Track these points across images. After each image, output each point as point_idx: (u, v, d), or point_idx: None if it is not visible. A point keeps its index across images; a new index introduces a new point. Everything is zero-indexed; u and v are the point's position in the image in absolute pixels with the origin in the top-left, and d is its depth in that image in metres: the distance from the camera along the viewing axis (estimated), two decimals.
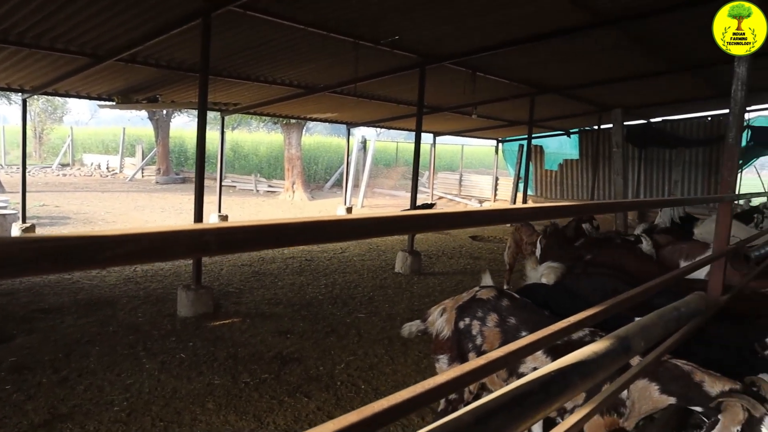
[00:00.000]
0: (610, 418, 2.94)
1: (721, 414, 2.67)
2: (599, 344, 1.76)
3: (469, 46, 9.71)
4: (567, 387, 1.49)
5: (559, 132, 21.58)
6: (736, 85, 3.60)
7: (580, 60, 11.54)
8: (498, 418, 1.22)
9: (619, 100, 15.47)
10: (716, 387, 2.76)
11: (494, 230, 16.69)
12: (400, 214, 1.05)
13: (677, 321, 2.54)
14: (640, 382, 2.87)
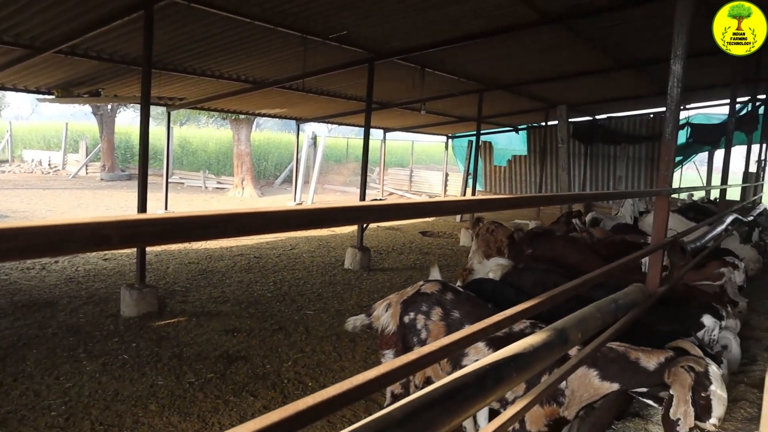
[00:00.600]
0: (550, 407, 2.97)
1: (671, 387, 2.69)
2: (536, 337, 1.77)
3: (418, 41, 9.71)
4: (502, 379, 1.49)
5: (508, 128, 21.84)
6: (673, 83, 3.68)
7: (528, 57, 11.68)
8: (430, 413, 1.21)
9: (566, 97, 15.74)
10: (652, 361, 2.79)
11: (444, 225, 16.82)
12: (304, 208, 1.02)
13: (615, 312, 2.59)
14: (579, 370, 2.89)
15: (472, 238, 8.10)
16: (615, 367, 2.84)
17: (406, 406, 1.17)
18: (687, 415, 2.65)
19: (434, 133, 23.11)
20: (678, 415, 2.66)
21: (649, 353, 2.82)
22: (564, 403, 2.96)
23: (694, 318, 3.79)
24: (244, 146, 24.47)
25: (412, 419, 1.15)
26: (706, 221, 6.12)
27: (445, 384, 1.30)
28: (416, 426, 1.15)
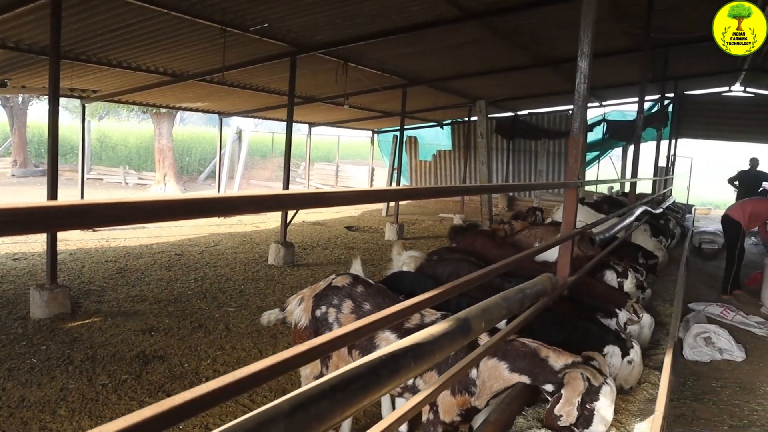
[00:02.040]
0: (462, 397, 3.03)
1: (564, 387, 2.83)
2: (437, 327, 1.80)
3: (341, 36, 9.70)
4: (399, 369, 1.50)
5: (433, 123, 22.10)
6: (580, 79, 3.81)
7: (450, 53, 11.85)
8: (320, 404, 1.20)
9: (487, 93, 16.05)
10: (560, 361, 2.92)
11: (370, 220, 16.89)
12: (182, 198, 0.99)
13: (521, 302, 2.65)
14: (489, 361, 2.98)
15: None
16: (525, 361, 2.95)
17: (296, 398, 1.16)
18: (569, 414, 2.82)
19: (360, 128, 23.13)
20: (561, 413, 2.83)
21: (559, 354, 2.94)
22: (475, 393, 3.03)
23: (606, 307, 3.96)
24: (166, 141, 23.83)
25: (301, 411, 1.14)
26: (616, 213, 6.37)
27: (336, 375, 1.30)
28: (305, 417, 1.15)
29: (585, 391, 2.80)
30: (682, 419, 4.84)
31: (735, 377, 5.90)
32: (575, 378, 2.81)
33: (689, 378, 5.77)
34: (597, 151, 21.25)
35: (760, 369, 6.19)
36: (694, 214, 19.28)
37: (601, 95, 19.39)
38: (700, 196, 29.92)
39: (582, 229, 3.95)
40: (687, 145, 22.98)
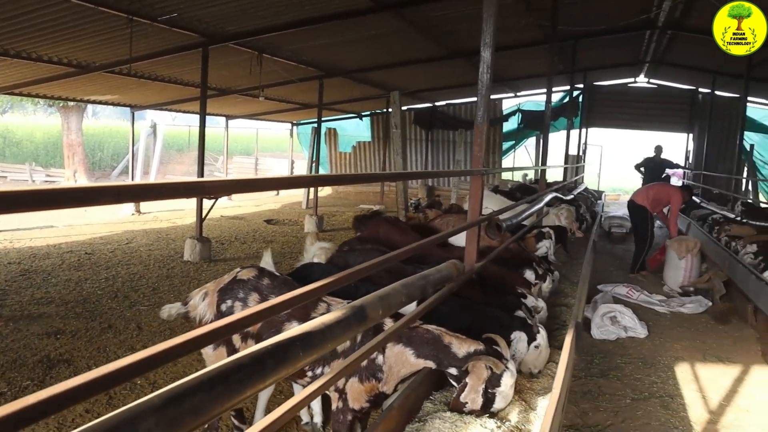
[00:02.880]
0: (370, 383, 3.06)
1: (468, 376, 2.90)
2: (329, 315, 1.80)
3: (254, 26, 9.54)
4: (286, 359, 1.49)
5: (352, 115, 22.09)
6: (483, 69, 3.89)
7: (366, 44, 11.87)
8: (195, 397, 1.18)
9: (405, 84, 16.19)
10: (462, 348, 2.99)
11: (290, 213, 16.75)
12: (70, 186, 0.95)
13: (423, 288, 2.70)
14: (395, 347, 3.02)
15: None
16: (429, 347, 3.01)
17: (168, 392, 1.14)
18: (474, 402, 2.92)
19: (279, 120, 22.85)
20: (467, 400, 2.93)
21: (462, 341, 3.02)
22: (383, 379, 3.07)
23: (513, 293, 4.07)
24: (75, 135, 22.86)
25: (173, 405, 1.12)
26: (525, 200, 6.56)
27: (217, 367, 1.28)
28: (178, 412, 1.12)
29: (488, 378, 2.89)
30: (589, 395, 5.06)
31: (638, 353, 6.21)
32: (479, 368, 2.89)
33: (596, 356, 6.03)
34: (513, 141, 21.85)
35: (661, 344, 6.54)
36: (605, 199, 20.09)
37: (515, 86, 19.90)
38: (610, 182, 31.23)
39: (488, 216, 4.05)
40: (597, 134, 23.90)
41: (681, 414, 4.81)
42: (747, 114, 19.07)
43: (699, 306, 8.03)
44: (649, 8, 11.12)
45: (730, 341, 6.82)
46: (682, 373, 5.74)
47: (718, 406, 5.04)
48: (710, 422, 4.71)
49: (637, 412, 4.78)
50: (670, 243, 9.31)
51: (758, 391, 5.40)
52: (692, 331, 7.12)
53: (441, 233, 3.23)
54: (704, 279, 8.88)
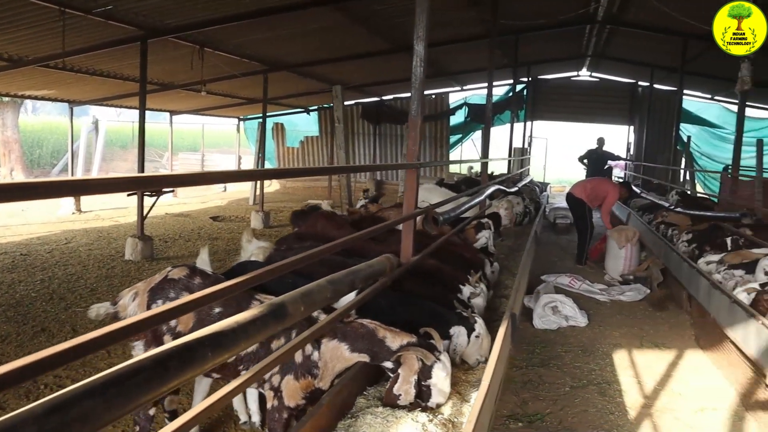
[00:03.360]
0: (305, 380, 3.04)
1: (400, 368, 2.91)
2: (245, 314, 1.76)
3: (194, 19, 9.34)
4: (193, 361, 1.45)
5: (300, 109, 21.91)
6: (416, 62, 3.88)
7: (311, 38, 11.77)
8: (85, 404, 1.13)
9: (351, 78, 16.14)
10: (396, 341, 2.99)
11: (236, 209, 16.53)
12: None
13: (352, 284, 2.68)
14: (331, 342, 3.01)
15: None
16: (364, 341, 3.03)
17: (54, 399, 1.09)
18: (407, 393, 2.94)
19: (225, 115, 22.52)
20: (400, 392, 2.94)
21: (396, 334, 3.04)
22: (318, 375, 3.05)
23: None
24: (11, 132, 22.09)
25: (58, 413, 1.07)
26: (467, 192, 6.61)
27: (113, 371, 1.24)
28: (63, 420, 1.07)
29: (419, 370, 2.90)
30: (529, 385, 5.13)
31: (578, 341, 6.33)
32: (410, 359, 2.91)
33: (538, 346, 6.12)
34: (460, 134, 22.01)
35: (600, 332, 6.68)
36: (550, 191, 20.46)
37: (461, 80, 20.05)
38: (556, 174, 31.81)
39: (424, 209, 4.06)
40: (543, 127, 24.31)
41: (617, 400, 4.92)
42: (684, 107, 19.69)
43: (638, 294, 8.23)
44: (588, 3, 11.33)
45: (667, 327, 7.02)
46: (619, 359, 5.88)
47: (653, 390, 5.17)
48: (645, 407, 4.83)
49: (576, 400, 4.87)
50: (610, 233, 9.52)
51: (691, 375, 5.57)
52: (631, 319, 7.30)
53: (372, 228, 3.22)
54: (643, 267, 9.12)
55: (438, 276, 4.32)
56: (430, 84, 19.77)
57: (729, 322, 5.31)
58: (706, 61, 13.71)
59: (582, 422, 4.49)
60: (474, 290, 4.15)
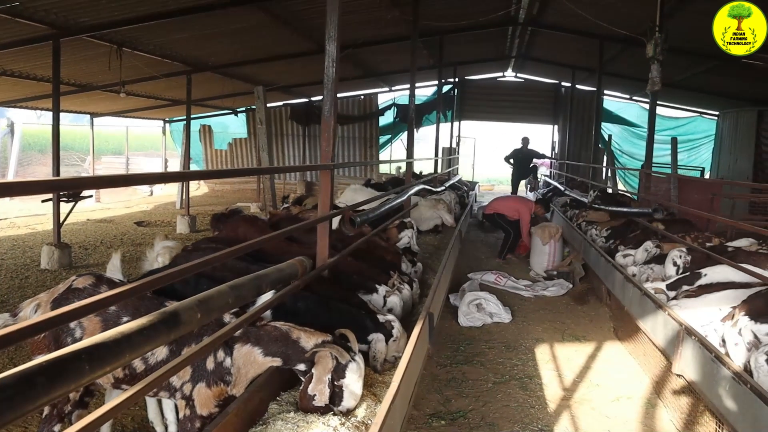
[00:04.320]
0: (218, 387, 2.96)
1: (314, 367, 2.87)
2: (132, 323, 1.69)
3: (110, 18, 9.03)
4: (67, 376, 1.37)
5: (227, 111, 21.53)
6: (328, 62, 3.85)
7: (235, 38, 11.57)
8: None
9: (278, 79, 15.97)
10: (311, 341, 2.96)
11: (163, 214, 16.12)
12: None
13: (258, 288, 2.63)
14: (243, 347, 2.95)
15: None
16: (278, 344, 2.98)
17: None
18: (321, 393, 2.89)
19: (150, 117, 21.87)
20: (314, 392, 2.89)
21: (311, 334, 3.00)
22: (231, 382, 2.98)
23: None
24: None
25: None
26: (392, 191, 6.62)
27: None
28: None
29: (333, 369, 2.87)
30: (453, 382, 5.18)
31: (502, 337, 6.44)
32: (324, 357, 2.87)
33: (462, 343, 6.19)
34: (389, 134, 22.12)
35: (524, 327, 6.83)
36: (478, 190, 20.80)
37: (389, 80, 20.14)
38: (485, 173, 32.38)
39: (340, 210, 4.04)
40: (471, 127, 24.72)
41: (538, 393, 5.03)
42: (604, 106, 20.40)
43: (560, 289, 8.45)
44: (508, 5, 11.56)
45: (587, 320, 7.23)
46: (541, 354, 6.02)
47: (572, 382, 5.32)
48: (564, 399, 4.96)
49: (498, 395, 4.95)
50: (534, 230, 9.75)
51: (608, 365, 5.76)
52: (553, 313, 7.49)
53: (282, 230, 3.16)
54: (566, 263, 9.38)
55: (355, 277, 4.30)
56: (359, 85, 19.81)
57: (640, 313, 5.51)
58: (622, 62, 14.22)
59: (503, 417, 4.57)
60: (390, 289, 4.15)
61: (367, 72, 17.23)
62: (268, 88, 16.82)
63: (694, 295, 5.06)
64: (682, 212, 9.02)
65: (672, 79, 14.58)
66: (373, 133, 21.31)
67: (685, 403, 4.46)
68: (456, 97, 21.03)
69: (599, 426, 4.50)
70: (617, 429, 4.48)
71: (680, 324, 4.44)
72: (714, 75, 14.07)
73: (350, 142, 21.38)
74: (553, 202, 13.87)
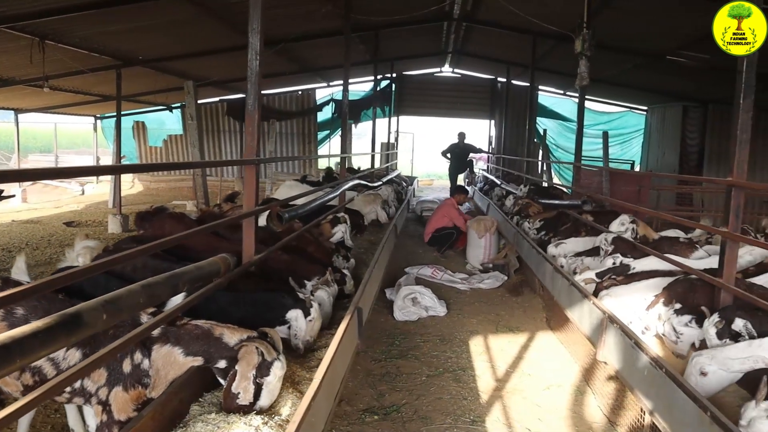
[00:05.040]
0: (136, 391, 2.87)
1: (238, 363, 2.80)
2: (26, 327, 1.61)
3: (30, 8, 8.67)
4: None
5: (161, 107, 21.03)
6: (251, 56, 3.78)
7: (164, 32, 11.29)
8: None
9: (214, 74, 15.69)
10: (234, 338, 2.89)
11: (94, 214, 15.60)
12: None
13: (174, 288, 2.55)
14: (163, 348, 2.87)
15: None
16: (199, 343, 2.91)
17: None
18: (246, 390, 2.83)
19: (80, 113, 21.16)
20: (239, 390, 2.83)
21: (234, 330, 2.94)
22: (150, 384, 2.89)
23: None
24: None
25: None
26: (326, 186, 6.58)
27: None
28: None
29: (258, 365, 2.81)
30: (387, 377, 5.17)
31: (437, 331, 6.47)
32: (249, 352, 2.81)
33: (398, 337, 6.19)
34: (327, 130, 22.04)
35: (459, 320, 6.88)
36: (417, 185, 20.94)
37: (327, 75, 20.03)
38: (424, 168, 32.59)
39: (266, 206, 3.98)
40: (410, 122, 24.85)
41: (471, 385, 5.07)
42: (539, 101, 20.81)
43: (496, 281, 8.55)
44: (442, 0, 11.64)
45: (521, 311, 7.34)
46: (475, 346, 6.07)
47: (505, 373, 5.38)
48: (496, 389, 5.02)
49: (431, 388, 4.97)
50: (470, 224, 9.85)
51: (540, 355, 5.85)
52: (488, 305, 7.57)
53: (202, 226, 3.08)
54: (501, 255, 9.51)
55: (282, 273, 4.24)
56: (297, 80, 19.64)
57: (568, 303, 5.63)
58: (556, 58, 14.51)
59: (436, 410, 4.58)
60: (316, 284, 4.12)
61: (304, 67, 17.09)
62: (203, 82, 16.52)
63: (622, 284, 5.21)
64: (611, 204, 9.27)
65: (602, 75, 15.00)
66: (312, 129, 21.20)
67: (612, 389, 4.57)
68: (394, 92, 21.09)
69: (530, 415, 4.57)
70: (547, 417, 4.55)
71: (604, 312, 4.56)
72: (642, 71, 14.53)
73: (288, 137, 21.21)
74: (490, 195, 14.09)
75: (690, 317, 4.16)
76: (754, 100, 3.95)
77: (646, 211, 6.76)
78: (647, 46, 12.42)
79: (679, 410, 3.03)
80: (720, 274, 4.13)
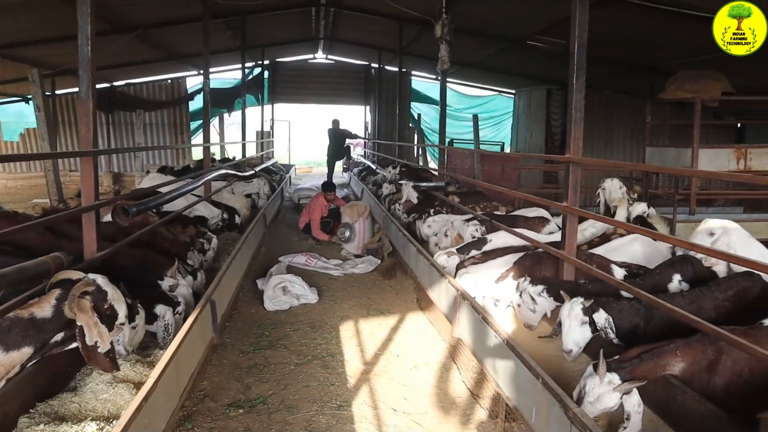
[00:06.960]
0: None
1: (77, 318, 2.61)
2: None
3: None
4: None
5: (17, 98, 19.52)
6: (82, 40, 3.58)
7: (8, 16, 10.45)
8: None
9: (71, 62, 14.68)
10: (46, 308, 2.67)
11: None
12: None
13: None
14: None
15: None
16: (15, 333, 2.59)
17: None
18: (102, 334, 2.64)
19: None
20: (94, 339, 2.62)
21: (40, 302, 2.68)
22: None
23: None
24: None
25: None
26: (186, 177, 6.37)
27: None
28: None
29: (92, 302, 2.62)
30: (255, 369, 5.09)
31: (308, 318, 6.44)
32: (77, 302, 2.58)
33: (267, 328, 6.11)
34: (201, 120, 21.35)
35: (330, 306, 6.89)
36: (294, 173, 20.77)
37: (197, 63, 19.36)
38: (302, 156, 32.37)
39: (109, 200, 3.78)
40: (286, 109, 24.53)
41: (339, 370, 5.09)
42: (413, 86, 21.18)
43: (369, 265, 8.63)
44: None
45: (393, 294, 7.45)
46: (345, 331, 6.10)
47: (374, 356, 5.45)
48: (364, 372, 5.07)
49: (299, 377, 4.95)
50: (343, 209, 9.89)
51: (410, 336, 5.97)
52: (361, 290, 7.63)
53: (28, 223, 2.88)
54: (375, 239, 9.62)
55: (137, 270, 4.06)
56: (165, 68, 18.89)
57: (429, 283, 5.79)
58: (424, 43, 14.80)
59: (303, 398, 4.57)
60: (175, 282, 3.98)
61: (171, 54, 16.42)
62: (59, 70, 15.46)
63: (479, 261, 5.40)
64: (477, 185, 9.60)
65: (469, 60, 15.46)
66: (184, 119, 20.46)
67: (474, 363, 4.74)
68: (267, 79, 20.75)
69: (396, 394, 4.66)
70: (412, 396, 4.65)
71: (457, 290, 4.71)
72: (506, 55, 15.08)
73: (159, 128, 20.37)
74: (366, 181, 14.21)
75: (542, 287, 4.34)
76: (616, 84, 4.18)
77: (505, 191, 7.04)
78: (507, 32, 12.89)
79: (518, 378, 3.19)
80: (562, 246, 4.37)
